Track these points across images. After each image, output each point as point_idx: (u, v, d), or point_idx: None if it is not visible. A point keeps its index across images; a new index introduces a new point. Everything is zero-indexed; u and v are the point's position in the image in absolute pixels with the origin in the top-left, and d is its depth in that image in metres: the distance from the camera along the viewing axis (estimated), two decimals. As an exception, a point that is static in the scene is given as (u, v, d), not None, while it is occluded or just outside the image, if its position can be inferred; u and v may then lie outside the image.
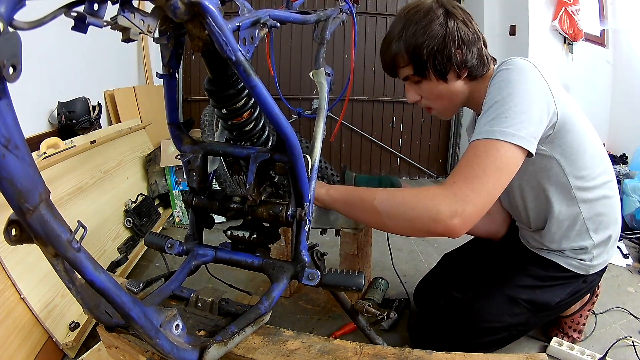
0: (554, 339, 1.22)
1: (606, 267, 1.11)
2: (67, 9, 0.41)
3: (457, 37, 0.91)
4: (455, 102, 1.01)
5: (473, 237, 1.37)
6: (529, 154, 0.83)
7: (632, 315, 1.41)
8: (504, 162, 0.78)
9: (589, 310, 1.26)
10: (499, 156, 0.78)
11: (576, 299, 1.12)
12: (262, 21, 0.73)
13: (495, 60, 1.04)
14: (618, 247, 1.95)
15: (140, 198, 2.06)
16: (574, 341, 1.24)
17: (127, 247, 1.78)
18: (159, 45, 0.70)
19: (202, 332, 0.71)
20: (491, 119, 0.82)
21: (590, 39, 3.20)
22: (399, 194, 0.84)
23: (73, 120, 1.85)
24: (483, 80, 0.98)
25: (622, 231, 2.11)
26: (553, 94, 0.86)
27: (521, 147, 0.80)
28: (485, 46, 0.98)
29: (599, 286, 1.28)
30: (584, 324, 1.26)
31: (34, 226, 0.42)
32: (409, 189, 0.88)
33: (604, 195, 1.02)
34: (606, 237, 1.05)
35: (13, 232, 0.45)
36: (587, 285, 1.09)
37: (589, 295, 1.26)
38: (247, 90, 0.80)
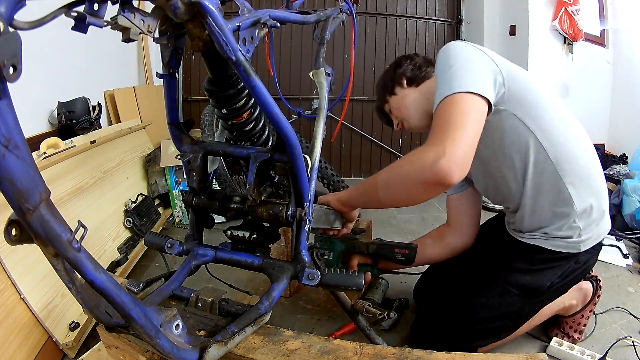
0: (554, 339, 1.22)
1: (600, 245, 1.07)
2: (67, 9, 0.42)
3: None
4: (411, 107, 1.18)
5: None
6: (490, 107, 0.90)
7: (632, 315, 1.40)
8: (468, 108, 0.85)
9: (590, 311, 1.26)
10: (463, 104, 0.86)
11: (571, 281, 1.09)
12: (262, 21, 0.73)
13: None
14: (618, 247, 1.95)
15: (140, 198, 2.06)
16: (574, 341, 1.24)
17: (127, 247, 1.78)
18: (159, 45, 0.70)
19: (202, 332, 0.71)
20: (446, 82, 0.89)
21: (590, 39, 3.20)
22: (393, 165, 0.94)
23: (73, 120, 1.85)
24: (429, 81, 1.17)
25: (622, 231, 2.13)
26: (490, 57, 0.96)
27: (481, 95, 0.87)
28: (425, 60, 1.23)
29: (600, 286, 1.27)
30: (584, 325, 1.26)
31: (34, 226, 0.42)
32: (400, 160, 0.95)
33: (579, 155, 1.01)
34: (589, 205, 1.01)
35: (13, 232, 0.45)
36: (580, 266, 1.06)
37: (591, 295, 1.25)
38: (247, 90, 0.80)
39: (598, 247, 1.07)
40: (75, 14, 0.42)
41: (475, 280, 1.11)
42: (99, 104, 2.04)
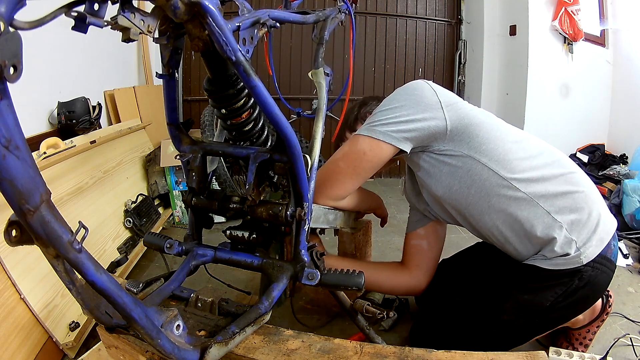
0: (551, 348, 1.18)
1: (610, 261, 0.99)
2: (67, 8, 0.42)
3: None
4: None
5: (472, 245, 1.35)
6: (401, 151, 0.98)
7: (628, 319, 1.39)
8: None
9: (597, 327, 1.21)
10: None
11: (578, 302, 1.01)
12: (261, 21, 0.73)
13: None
14: (618, 247, 1.94)
15: (140, 198, 2.06)
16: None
17: (127, 247, 1.78)
18: (158, 45, 0.70)
19: (202, 332, 0.71)
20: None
21: (590, 39, 3.20)
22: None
23: (73, 120, 1.85)
24: None
25: (622, 231, 2.13)
26: (438, 95, 0.98)
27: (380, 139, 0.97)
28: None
29: (610, 304, 1.20)
30: (590, 339, 1.21)
31: (34, 227, 0.42)
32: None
33: (548, 171, 0.98)
34: (575, 216, 0.96)
35: (13, 233, 0.45)
36: (584, 284, 0.97)
37: (600, 310, 1.19)
38: (246, 90, 0.80)
39: (605, 262, 0.98)
40: (75, 14, 0.42)
41: (476, 297, 1.08)
42: (99, 104, 2.04)
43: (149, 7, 0.55)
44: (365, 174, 1.04)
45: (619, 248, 1.93)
